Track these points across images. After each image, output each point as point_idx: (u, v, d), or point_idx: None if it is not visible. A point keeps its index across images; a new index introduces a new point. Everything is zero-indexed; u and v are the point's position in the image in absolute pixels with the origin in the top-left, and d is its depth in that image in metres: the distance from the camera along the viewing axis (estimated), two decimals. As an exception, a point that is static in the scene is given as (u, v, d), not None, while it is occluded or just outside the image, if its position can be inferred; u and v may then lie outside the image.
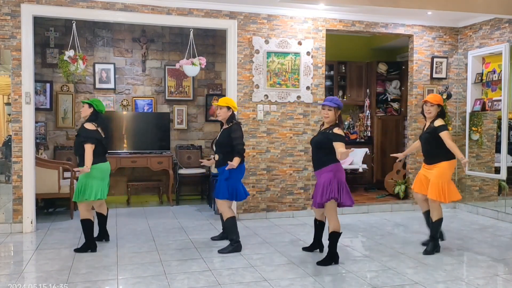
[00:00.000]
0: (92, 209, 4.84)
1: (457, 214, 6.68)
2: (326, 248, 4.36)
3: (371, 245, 5.02)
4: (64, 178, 6.28)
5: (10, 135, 5.56)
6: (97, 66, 7.47)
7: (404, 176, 7.30)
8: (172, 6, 5.94)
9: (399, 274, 4.04)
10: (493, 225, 6.01)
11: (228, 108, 4.80)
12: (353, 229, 5.75)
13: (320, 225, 4.61)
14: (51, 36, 7.27)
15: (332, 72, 8.38)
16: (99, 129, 4.74)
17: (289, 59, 6.38)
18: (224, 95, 7.48)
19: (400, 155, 5.17)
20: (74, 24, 5.86)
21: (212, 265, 4.27)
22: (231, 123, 4.81)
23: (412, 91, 7.03)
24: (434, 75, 7.02)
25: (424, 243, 4.85)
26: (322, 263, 4.24)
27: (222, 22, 6.15)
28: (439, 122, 4.65)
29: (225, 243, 4.83)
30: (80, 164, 4.64)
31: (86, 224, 4.69)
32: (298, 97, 6.44)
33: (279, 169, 6.40)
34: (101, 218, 5.03)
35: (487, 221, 6.23)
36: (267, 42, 6.30)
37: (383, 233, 5.57)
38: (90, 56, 7.32)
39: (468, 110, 6.93)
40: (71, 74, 5.88)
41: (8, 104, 5.83)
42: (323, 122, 4.39)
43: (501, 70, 6.31)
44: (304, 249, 4.72)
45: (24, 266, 4.29)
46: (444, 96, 6.77)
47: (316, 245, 4.67)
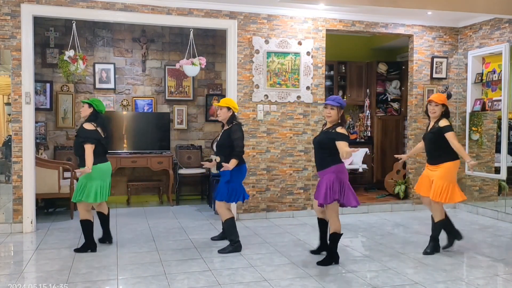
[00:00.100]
0: (92, 209, 4.83)
1: (457, 214, 6.67)
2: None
3: (371, 245, 5.02)
4: (64, 178, 6.28)
5: (10, 135, 5.56)
6: (97, 66, 7.47)
7: (404, 176, 7.30)
8: (172, 6, 5.94)
9: (399, 274, 4.04)
10: (493, 225, 6.01)
11: (228, 109, 4.76)
12: (353, 229, 5.75)
13: (324, 224, 4.52)
14: (51, 36, 7.27)
15: (332, 72, 8.38)
16: (99, 129, 4.69)
17: (289, 59, 6.38)
18: (224, 95, 7.48)
19: (404, 157, 5.12)
20: (74, 24, 5.86)
21: (212, 265, 4.27)
22: (231, 124, 4.78)
23: (412, 91, 7.03)
24: (434, 75, 7.02)
25: (445, 247, 4.73)
26: (323, 263, 4.24)
27: (222, 22, 6.15)
28: (445, 123, 4.58)
29: (225, 243, 4.83)
30: (81, 165, 4.62)
31: (86, 225, 4.69)
32: (298, 97, 6.44)
33: (279, 169, 6.40)
34: (103, 218, 4.95)
35: (487, 221, 6.23)
36: (267, 42, 6.30)
37: (383, 233, 5.57)
38: (90, 56, 7.32)
39: (468, 110, 6.93)
40: (71, 74, 5.88)
41: (8, 104, 5.83)
42: (326, 122, 4.37)
43: (501, 70, 6.31)
44: (312, 253, 4.60)
45: (24, 266, 4.29)
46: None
47: (323, 247, 4.53)
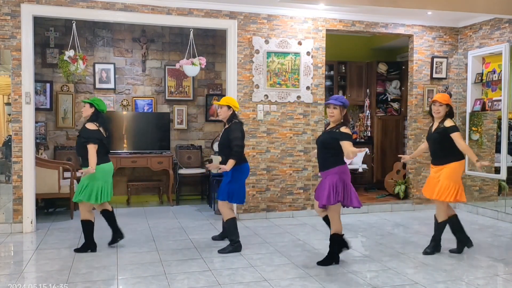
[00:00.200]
0: (93, 209, 4.83)
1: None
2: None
3: (371, 245, 5.02)
4: (64, 178, 6.28)
5: (10, 135, 5.56)
6: (97, 66, 7.47)
7: (404, 176, 7.30)
8: (172, 6, 5.94)
9: (399, 274, 4.04)
10: (493, 225, 6.01)
11: (229, 107, 4.73)
12: (353, 229, 5.75)
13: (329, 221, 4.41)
14: (51, 36, 7.27)
15: (332, 72, 8.38)
16: (101, 129, 4.68)
17: (289, 59, 6.38)
18: (224, 95, 7.47)
19: (406, 157, 5.07)
20: (74, 24, 5.86)
21: (212, 265, 4.27)
22: (231, 123, 4.74)
23: (412, 91, 7.03)
24: (434, 75, 7.02)
25: (453, 251, 4.70)
26: (323, 263, 4.24)
27: (222, 22, 6.15)
28: (450, 123, 4.53)
29: (226, 243, 4.83)
30: (83, 165, 4.59)
31: (87, 225, 4.68)
32: (298, 97, 6.44)
33: (279, 169, 6.40)
34: (108, 215, 4.83)
35: (487, 221, 6.23)
36: (267, 42, 6.30)
37: (383, 233, 5.57)
38: (90, 56, 7.32)
39: (468, 110, 6.93)
40: (71, 74, 5.88)
41: (8, 104, 5.84)
42: (329, 122, 4.35)
43: (501, 70, 6.31)
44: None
45: (24, 266, 4.29)
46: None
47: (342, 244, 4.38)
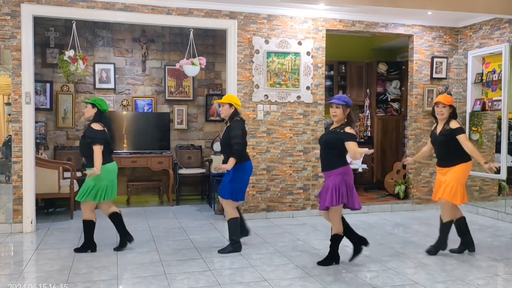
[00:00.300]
0: (96, 208, 4.76)
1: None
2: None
3: (371, 245, 4.99)
4: (64, 178, 6.28)
5: (10, 135, 5.56)
6: (97, 66, 7.47)
7: (404, 176, 7.30)
8: (172, 6, 5.94)
9: (399, 274, 4.04)
10: (493, 225, 6.01)
11: (230, 105, 4.70)
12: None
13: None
14: (51, 36, 7.27)
15: (332, 72, 8.37)
16: (105, 129, 4.66)
17: (289, 59, 6.38)
18: (224, 95, 7.48)
19: (410, 160, 5.01)
20: (74, 24, 5.86)
21: (212, 265, 4.27)
22: (232, 121, 4.70)
23: (412, 91, 7.03)
24: (434, 75, 7.02)
25: (454, 251, 4.68)
26: (323, 263, 4.24)
27: (222, 22, 6.15)
28: (456, 124, 4.49)
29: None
30: (88, 166, 4.56)
31: (88, 225, 4.64)
32: (298, 97, 6.44)
33: (279, 169, 6.40)
34: (117, 218, 4.75)
35: (487, 221, 6.23)
36: (267, 42, 6.30)
37: (383, 233, 5.57)
38: (90, 56, 7.32)
39: (468, 110, 6.93)
40: (71, 74, 5.88)
41: (8, 104, 5.84)
42: (329, 122, 4.33)
43: (501, 70, 6.31)
44: (351, 260, 4.35)
45: (24, 266, 4.29)
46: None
47: (358, 241, 4.35)
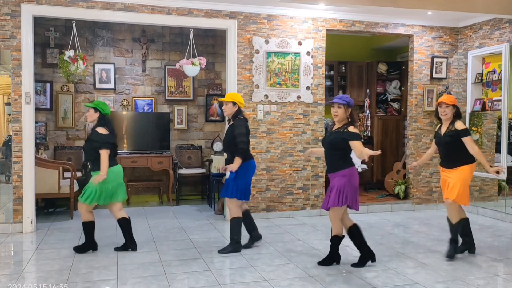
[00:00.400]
0: (94, 209, 4.77)
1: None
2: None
3: (371, 245, 4.97)
4: (64, 178, 6.28)
5: (10, 135, 5.56)
6: (97, 66, 7.47)
7: (404, 176, 7.30)
8: (172, 6, 5.94)
9: (399, 274, 4.04)
10: (493, 225, 6.01)
11: (234, 104, 4.67)
12: (353, 229, 5.74)
13: (353, 231, 4.24)
14: (51, 36, 7.27)
15: (332, 72, 8.37)
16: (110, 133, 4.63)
17: (289, 59, 6.38)
18: (224, 95, 7.48)
19: (415, 164, 4.89)
20: (74, 24, 5.86)
21: (212, 265, 4.27)
22: (236, 119, 4.68)
23: (412, 91, 7.03)
24: (434, 75, 7.02)
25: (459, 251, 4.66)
26: (323, 263, 4.24)
27: (222, 22, 6.15)
28: (462, 126, 4.44)
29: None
30: (93, 169, 4.54)
31: (88, 226, 4.63)
32: (298, 97, 6.44)
33: (279, 169, 6.40)
34: (125, 224, 4.67)
35: (487, 221, 6.23)
36: (267, 42, 6.30)
37: (383, 233, 5.57)
38: (90, 56, 7.32)
39: (468, 110, 6.93)
40: (71, 74, 5.87)
41: (8, 104, 5.83)
42: (329, 123, 4.31)
43: (501, 70, 6.31)
44: (353, 265, 4.26)
45: (24, 266, 4.29)
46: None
47: (368, 255, 4.28)
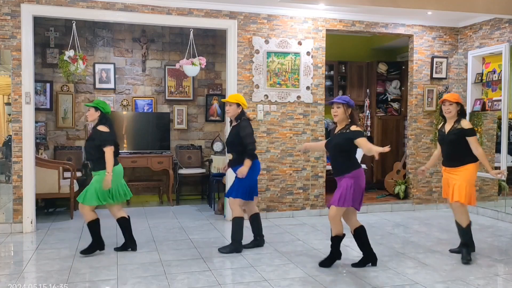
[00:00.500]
0: (96, 209, 4.68)
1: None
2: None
3: (371, 245, 5.01)
4: (64, 178, 6.27)
5: (10, 135, 5.56)
6: (97, 66, 7.47)
7: (404, 176, 7.30)
8: (172, 6, 5.94)
9: (399, 274, 4.04)
10: (493, 225, 6.01)
11: (238, 105, 4.68)
12: (353, 229, 5.74)
13: (359, 232, 4.25)
14: (51, 36, 7.27)
15: (332, 72, 8.37)
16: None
17: (289, 59, 6.38)
18: (224, 95, 7.49)
19: (423, 168, 4.81)
20: (74, 24, 5.86)
21: (212, 265, 4.27)
22: (240, 120, 4.69)
23: (412, 91, 7.03)
24: (434, 75, 7.02)
25: (453, 251, 4.66)
26: (324, 264, 4.19)
27: (222, 22, 6.15)
28: (468, 125, 4.40)
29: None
30: (94, 169, 4.50)
31: (94, 225, 4.55)
32: (298, 97, 6.44)
33: (279, 169, 6.40)
34: (125, 223, 4.67)
35: (487, 221, 6.23)
36: (267, 42, 6.30)
37: (383, 233, 5.57)
38: (90, 56, 7.32)
39: (468, 110, 6.91)
40: (71, 74, 5.87)
41: (8, 104, 5.84)
42: (334, 127, 4.27)
43: (501, 70, 6.31)
44: (354, 265, 4.24)
45: (24, 266, 4.29)
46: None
47: (371, 258, 4.27)
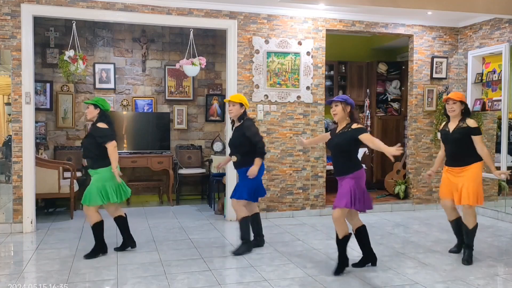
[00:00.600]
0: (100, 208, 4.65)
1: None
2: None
3: (371, 245, 5.01)
4: (64, 178, 6.28)
5: (10, 135, 5.56)
6: (97, 66, 7.47)
7: (404, 176, 7.30)
8: (172, 6, 5.94)
9: (399, 274, 4.04)
10: (493, 225, 6.01)
11: (241, 105, 4.67)
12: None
13: (361, 231, 4.20)
14: (51, 36, 7.27)
15: (332, 72, 8.37)
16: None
17: (289, 59, 6.38)
18: (224, 95, 7.49)
19: (430, 172, 4.73)
20: (74, 24, 5.86)
21: (212, 265, 4.27)
22: (243, 120, 4.68)
23: (412, 91, 7.03)
24: (434, 75, 7.02)
25: (452, 251, 4.64)
26: (338, 272, 4.00)
27: (222, 22, 6.15)
28: (474, 124, 4.35)
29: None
30: (93, 166, 4.48)
31: (99, 227, 4.51)
32: (298, 97, 6.44)
33: (279, 169, 6.40)
34: (122, 222, 4.67)
35: (487, 221, 6.22)
36: (267, 42, 6.30)
37: (383, 233, 5.57)
38: (90, 56, 7.32)
39: (468, 110, 6.92)
40: (71, 74, 5.87)
41: (8, 104, 5.84)
42: (334, 127, 4.21)
43: (501, 70, 6.31)
44: (354, 265, 4.19)
45: (24, 266, 4.29)
46: (444, 96, 6.76)
47: (371, 258, 4.23)
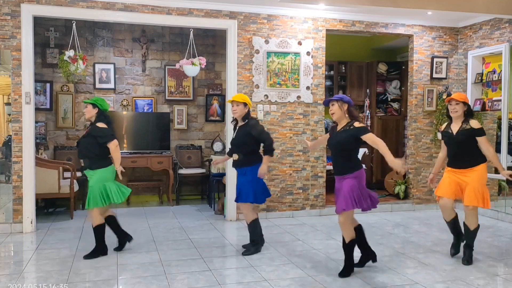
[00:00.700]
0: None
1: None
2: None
3: (371, 245, 4.98)
4: (64, 178, 6.28)
5: (10, 135, 5.56)
6: (97, 66, 7.47)
7: (404, 176, 7.30)
8: (172, 6, 5.94)
9: (399, 274, 4.04)
10: (493, 225, 6.01)
11: (245, 105, 4.67)
12: (353, 229, 5.74)
13: (357, 231, 4.15)
14: (51, 36, 7.27)
15: (332, 72, 8.37)
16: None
17: (289, 59, 6.38)
18: (224, 95, 7.49)
19: (432, 176, 4.67)
20: (74, 24, 5.86)
21: (212, 265, 4.27)
22: (247, 119, 4.67)
23: (412, 91, 7.03)
24: (434, 75, 7.02)
25: (453, 254, 4.56)
26: (343, 275, 3.97)
27: (222, 22, 6.15)
28: (478, 125, 4.27)
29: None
30: (92, 167, 4.44)
31: (101, 229, 4.52)
32: (298, 97, 6.44)
33: (279, 169, 6.40)
34: (114, 221, 4.67)
35: (487, 221, 6.22)
36: (267, 42, 6.30)
37: (383, 233, 5.57)
38: (90, 56, 7.32)
39: (469, 110, 6.92)
40: (71, 74, 5.88)
41: (8, 104, 5.84)
42: (334, 126, 4.16)
43: (501, 70, 6.31)
44: (355, 265, 4.12)
45: (24, 266, 4.29)
46: (444, 96, 6.77)
47: (370, 254, 4.24)
